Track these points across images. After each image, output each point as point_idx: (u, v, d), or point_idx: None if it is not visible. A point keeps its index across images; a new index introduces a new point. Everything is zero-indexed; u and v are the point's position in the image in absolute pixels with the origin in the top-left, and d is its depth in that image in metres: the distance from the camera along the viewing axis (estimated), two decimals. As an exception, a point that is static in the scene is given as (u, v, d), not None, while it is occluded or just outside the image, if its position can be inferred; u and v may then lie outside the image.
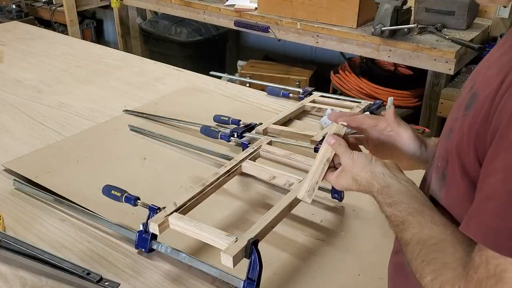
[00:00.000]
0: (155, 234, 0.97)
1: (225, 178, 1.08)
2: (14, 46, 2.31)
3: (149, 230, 0.97)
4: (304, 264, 1.00)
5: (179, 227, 0.95)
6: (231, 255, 0.84)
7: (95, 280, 0.91)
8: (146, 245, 1.00)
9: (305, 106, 1.62)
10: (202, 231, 0.92)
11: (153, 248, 1.00)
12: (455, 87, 2.40)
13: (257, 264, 0.87)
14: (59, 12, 3.76)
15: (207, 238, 0.91)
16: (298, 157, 1.18)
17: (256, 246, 0.87)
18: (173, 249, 0.98)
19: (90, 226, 1.10)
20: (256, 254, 0.87)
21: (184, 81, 1.93)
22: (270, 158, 1.20)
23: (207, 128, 1.41)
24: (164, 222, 0.95)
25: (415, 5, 2.55)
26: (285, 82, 2.92)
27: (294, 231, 1.08)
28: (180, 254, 0.97)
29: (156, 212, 0.97)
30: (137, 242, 1.01)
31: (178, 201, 0.99)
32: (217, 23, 3.13)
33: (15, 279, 0.95)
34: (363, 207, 1.17)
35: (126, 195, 1.03)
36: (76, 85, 1.88)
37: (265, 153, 1.21)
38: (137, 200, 1.02)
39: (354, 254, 1.02)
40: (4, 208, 1.14)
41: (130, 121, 1.56)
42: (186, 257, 0.97)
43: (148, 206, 0.99)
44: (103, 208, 1.13)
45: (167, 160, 1.36)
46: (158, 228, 0.94)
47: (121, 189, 1.05)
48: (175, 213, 0.96)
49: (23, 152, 1.38)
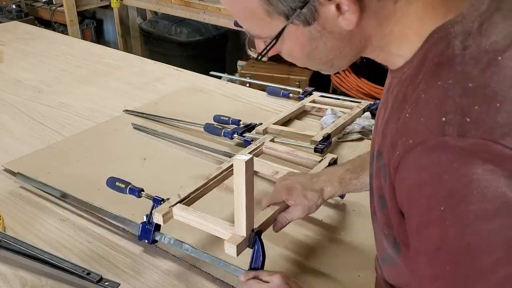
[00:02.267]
0: (159, 225, 0.98)
1: (228, 172, 1.09)
2: (14, 46, 2.31)
3: (153, 221, 0.97)
4: (304, 264, 0.99)
5: (183, 218, 0.95)
6: (234, 244, 0.85)
7: (95, 280, 0.91)
8: (149, 236, 0.99)
9: (305, 106, 1.62)
10: (206, 221, 0.92)
11: (156, 239, 1.00)
12: (455, 87, 2.40)
13: (260, 253, 0.88)
14: (59, 12, 3.76)
15: (211, 228, 0.92)
16: (300, 153, 1.19)
17: (260, 236, 0.89)
18: (176, 240, 0.98)
19: (91, 225, 1.10)
20: (260, 244, 0.88)
21: (184, 81, 1.93)
22: (272, 155, 1.21)
23: (210, 126, 1.41)
24: (168, 212, 0.95)
25: (415, 5, 2.55)
26: (285, 82, 2.92)
27: (294, 230, 1.08)
28: (183, 245, 0.98)
29: (160, 203, 0.98)
30: (140, 233, 1.01)
31: (182, 193, 1.00)
32: (217, 23, 3.13)
33: (15, 279, 0.95)
34: (363, 206, 1.17)
35: (130, 186, 1.04)
36: (76, 85, 1.88)
37: (268, 149, 1.21)
38: (141, 192, 1.03)
39: (354, 254, 1.02)
40: (4, 208, 1.14)
41: (130, 121, 1.56)
42: (189, 248, 0.97)
43: (152, 197, 1.00)
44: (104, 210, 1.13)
45: (167, 160, 1.36)
46: (162, 218, 0.95)
47: (125, 181, 1.06)
48: (179, 204, 0.97)
49: (23, 152, 1.38)
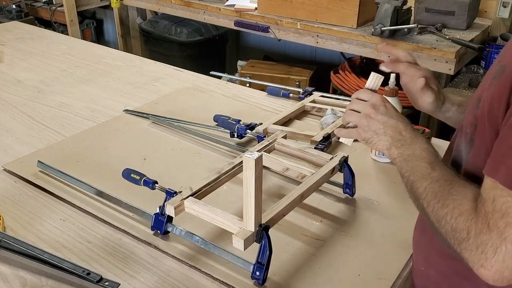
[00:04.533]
0: (171, 217, 1.01)
1: (240, 168, 1.10)
2: (14, 46, 2.31)
3: (165, 212, 1.01)
4: (304, 264, 1.00)
5: (194, 211, 0.99)
6: (242, 238, 0.88)
7: (95, 280, 0.91)
8: (162, 227, 1.04)
9: (305, 106, 1.62)
10: (216, 215, 0.95)
11: (168, 230, 1.04)
12: (455, 87, 2.40)
13: (267, 248, 0.91)
14: (59, 12, 3.76)
15: (220, 222, 0.95)
16: (312, 151, 1.20)
17: (267, 231, 0.91)
18: (187, 232, 1.02)
19: (91, 225, 1.10)
20: (267, 239, 0.90)
21: (184, 81, 1.93)
22: (284, 151, 1.22)
23: (225, 120, 1.41)
24: (180, 205, 0.99)
25: (415, 5, 2.55)
26: (285, 82, 2.92)
27: (293, 231, 1.08)
28: (194, 237, 1.01)
29: (173, 195, 1.01)
30: (153, 224, 1.05)
31: (193, 187, 1.03)
32: (217, 23, 3.13)
33: (15, 279, 0.95)
34: (363, 207, 1.17)
35: (145, 178, 1.09)
36: (76, 85, 1.88)
37: (280, 146, 1.22)
38: (155, 184, 1.07)
39: (354, 254, 1.02)
40: (4, 208, 1.14)
41: (130, 121, 1.56)
42: (200, 240, 1.00)
43: (166, 190, 1.03)
44: (104, 210, 1.13)
45: (168, 160, 1.36)
46: (174, 210, 0.98)
47: (140, 173, 1.11)
48: (191, 197, 1.00)
49: (23, 152, 1.38)
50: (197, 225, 1.05)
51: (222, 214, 0.95)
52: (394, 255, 1.02)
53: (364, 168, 1.30)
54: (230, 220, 0.94)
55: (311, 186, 1.06)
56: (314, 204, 1.17)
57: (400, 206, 1.16)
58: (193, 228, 1.03)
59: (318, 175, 1.09)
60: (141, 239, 1.05)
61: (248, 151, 0.87)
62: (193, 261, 0.99)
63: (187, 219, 1.04)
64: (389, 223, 1.12)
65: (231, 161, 1.13)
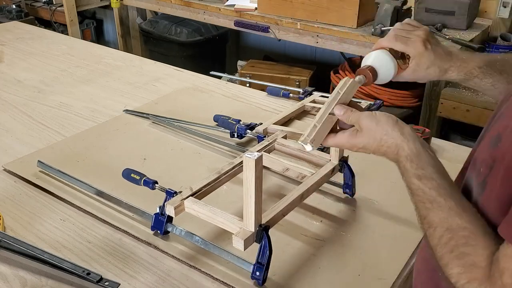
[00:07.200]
0: (171, 217, 1.01)
1: (240, 168, 1.10)
2: (14, 46, 2.30)
3: (165, 212, 1.01)
4: (304, 265, 1.00)
5: (194, 211, 0.98)
6: (242, 238, 0.88)
7: (95, 280, 0.91)
8: (162, 227, 1.04)
9: (305, 106, 1.62)
10: (216, 215, 0.95)
11: (168, 230, 1.04)
12: (455, 87, 2.40)
13: (267, 249, 0.91)
14: (59, 12, 3.76)
15: (220, 222, 0.95)
16: (312, 151, 1.19)
17: (267, 231, 0.91)
18: (187, 232, 1.02)
19: (91, 225, 1.10)
20: (267, 239, 0.90)
21: (184, 81, 1.93)
22: (284, 151, 1.22)
23: (225, 120, 1.41)
24: (180, 205, 0.99)
25: (415, 5, 2.55)
26: (285, 82, 2.92)
27: (293, 231, 1.08)
28: (194, 237, 1.01)
29: (173, 195, 1.01)
30: (153, 224, 1.05)
31: (193, 187, 1.03)
32: (217, 23, 3.13)
33: (15, 279, 0.95)
34: (363, 207, 1.17)
35: (145, 178, 1.09)
36: (76, 85, 1.88)
37: (280, 146, 1.22)
38: (155, 184, 1.07)
39: (354, 254, 1.02)
40: (4, 208, 1.14)
41: (130, 121, 1.56)
42: (200, 240, 1.00)
43: (166, 190, 1.03)
44: (103, 210, 1.13)
45: (168, 160, 1.36)
46: (174, 210, 0.98)
47: (140, 173, 1.10)
48: (191, 198, 1.00)
49: (23, 152, 1.38)
50: (197, 225, 1.05)
51: (222, 214, 0.95)
52: (394, 255, 1.02)
53: (364, 168, 1.30)
54: (230, 220, 0.94)
55: (311, 186, 1.06)
56: (314, 204, 1.17)
57: (400, 206, 1.16)
58: (193, 228, 1.03)
59: (318, 175, 1.09)
60: (141, 239, 1.05)
61: (248, 151, 0.86)
62: (193, 261, 0.99)
63: (187, 219, 1.04)
64: (389, 223, 1.12)
65: (231, 161, 1.13)
